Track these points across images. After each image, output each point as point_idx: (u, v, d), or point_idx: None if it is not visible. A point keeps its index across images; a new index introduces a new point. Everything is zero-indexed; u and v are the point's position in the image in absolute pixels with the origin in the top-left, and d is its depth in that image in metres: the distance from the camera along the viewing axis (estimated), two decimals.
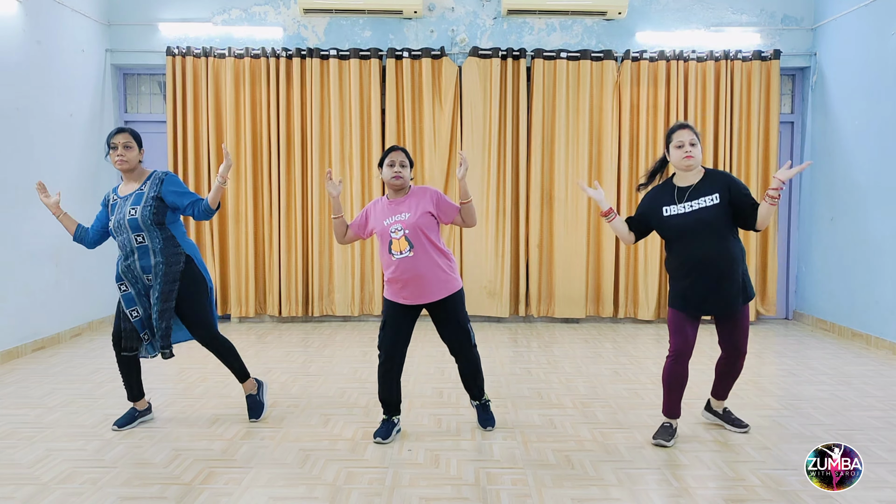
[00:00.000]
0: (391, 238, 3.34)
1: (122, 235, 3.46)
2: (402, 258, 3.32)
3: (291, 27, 6.60)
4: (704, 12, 6.62)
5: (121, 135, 3.48)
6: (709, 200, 3.24)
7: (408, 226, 3.32)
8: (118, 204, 3.52)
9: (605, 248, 6.63)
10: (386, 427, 3.49)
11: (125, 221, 3.43)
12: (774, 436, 3.53)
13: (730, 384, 3.59)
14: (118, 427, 3.60)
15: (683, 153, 3.26)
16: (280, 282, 6.65)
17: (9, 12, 5.14)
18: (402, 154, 3.41)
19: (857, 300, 5.93)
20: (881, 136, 5.64)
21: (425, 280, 3.34)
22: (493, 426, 3.60)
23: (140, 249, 3.45)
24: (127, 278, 3.50)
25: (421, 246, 3.32)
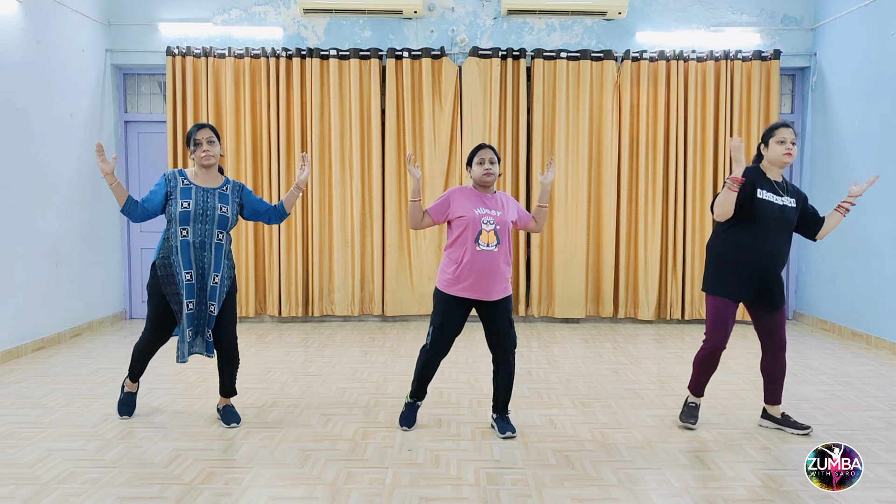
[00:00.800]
0: (481, 228, 3.36)
1: (204, 226, 3.48)
2: (486, 250, 3.36)
3: (291, 27, 6.60)
4: (704, 12, 6.62)
5: (204, 130, 3.50)
6: (790, 201, 3.40)
7: (500, 222, 3.40)
8: (195, 191, 3.48)
9: (605, 248, 6.63)
10: (411, 411, 3.64)
11: (215, 215, 3.49)
12: (774, 436, 3.53)
13: (780, 383, 3.62)
14: (128, 416, 3.72)
15: (785, 149, 3.35)
16: (280, 282, 6.65)
17: (9, 12, 5.14)
18: (490, 152, 3.47)
19: (857, 300, 5.93)
20: (881, 135, 5.64)
21: (497, 277, 3.39)
22: (515, 433, 3.51)
23: (217, 247, 3.53)
24: (196, 269, 3.50)
25: (504, 244, 3.41)
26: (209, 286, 3.55)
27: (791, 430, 3.56)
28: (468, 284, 3.38)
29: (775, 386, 3.61)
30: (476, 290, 3.40)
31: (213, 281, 3.56)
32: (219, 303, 3.57)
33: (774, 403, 3.64)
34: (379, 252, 6.62)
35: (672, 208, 6.60)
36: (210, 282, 3.55)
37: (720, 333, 3.44)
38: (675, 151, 6.57)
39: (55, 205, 5.69)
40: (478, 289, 3.39)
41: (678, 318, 6.69)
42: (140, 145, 6.86)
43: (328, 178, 6.62)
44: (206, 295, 3.55)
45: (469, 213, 3.38)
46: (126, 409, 3.80)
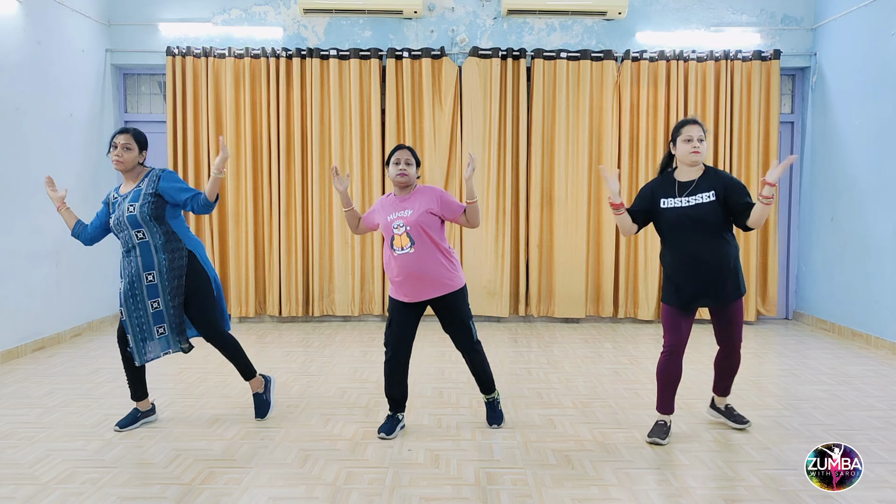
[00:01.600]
0: (393, 233, 3.40)
1: (123, 232, 3.48)
2: (402, 254, 3.37)
3: (291, 27, 6.60)
4: (704, 12, 6.62)
5: (122, 135, 3.52)
6: (705, 197, 3.28)
7: (409, 222, 3.37)
8: (118, 202, 3.54)
9: (605, 248, 6.63)
10: (390, 423, 3.54)
11: (124, 218, 3.45)
12: (774, 436, 3.53)
13: (729, 380, 3.63)
14: (120, 428, 3.59)
15: (691, 147, 3.29)
16: (280, 282, 6.65)
17: (9, 12, 5.14)
18: (407, 152, 3.46)
19: (857, 300, 5.93)
20: (881, 136, 5.64)
21: (425, 277, 3.39)
22: (500, 424, 3.62)
23: (141, 246, 3.47)
24: (124, 276, 3.51)
25: (422, 243, 3.37)
26: (144, 286, 3.48)
27: (732, 423, 3.60)
28: (400, 288, 3.45)
29: (725, 380, 3.63)
30: (408, 293, 3.44)
31: (148, 280, 3.48)
32: (164, 297, 3.49)
33: (722, 395, 3.69)
34: (379, 252, 6.61)
35: None
36: (144, 281, 3.48)
37: (672, 334, 3.42)
38: None
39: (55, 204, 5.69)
40: (408, 290, 3.43)
41: None
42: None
43: (328, 177, 6.62)
44: (145, 295, 3.48)
45: (383, 220, 3.47)
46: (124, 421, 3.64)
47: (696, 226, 3.27)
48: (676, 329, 3.42)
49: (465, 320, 3.51)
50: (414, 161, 3.47)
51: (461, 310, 3.50)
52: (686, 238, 3.30)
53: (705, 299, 3.37)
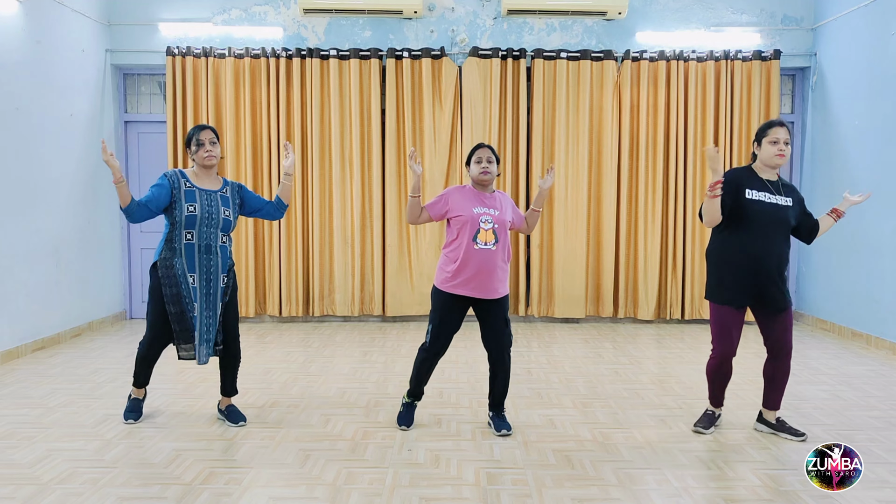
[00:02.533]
0: (480, 227, 3.39)
1: (210, 230, 3.49)
2: (484, 249, 3.38)
3: (291, 27, 6.60)
4: (704, 12, 6.62)
5: (206, 131, 3.51)
6: (787, 200, 3.32)
7: (498, 221, 3.43)
8: (199, 194, 3.47)
9: (605, 248, 6.63)
10: (409, 412, 3.67)
11: (219, 219, 3.50)
12: (774, 436, 3.53)
13: (781, 389, 3.52)
14: (135, 420, 3.68)
15: (777, 150, 3.28)
16: (280, 282, 6.65)
17: (9, 12, 5.14)
18: (489, 151, 3.49)
19: (857, 300, 5.93)
20: (881, 136, 5.64)
21: (495, 275, 3.41)
22: (510, 431, 3.54)
23: (222, 249, 3.55)
24: (200, 272, 3.49)
25: (502, 243, 3.44)
26: (220, 287, 3.56)
27: (787, 435, 3.47)
28: (466, 283, 3.40)
29: (776, 391, 3.52)
30: (474, 289, 3.41)
31: (223, 282, 3.59)
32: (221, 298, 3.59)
33: (772, 409, 3.56)
34: (379, 252, 6.62)
35: (672, 208, 6.60)
36: (220, 283, 3.56)
37: (725, 342, 3.39)
38: (675, 151, 6.57)
39: (55, 205, 5.70)
40: (476, 287, 3.41)
41: (678, 318, 6.69)
42: (140, 145, 6.86)
43: (328, 178, 6.62)
44: (218, 297, 3.56)
45: (467, 212, 3.41)
46: (132, 414, 3.72)
47: (778, 224, 3.28)
48: (727, 334, 3.38)
49: (509, 324, 3.55)
50: (495, 159, 3.50)
51: (507, 313, 3.55)
52: (766, 233, 3.25)
53: (769, 299, 3.31)
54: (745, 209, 3.27)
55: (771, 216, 3.26)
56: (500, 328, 3.50)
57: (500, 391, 3.60)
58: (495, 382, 3.59)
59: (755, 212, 3.26)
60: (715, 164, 3.16)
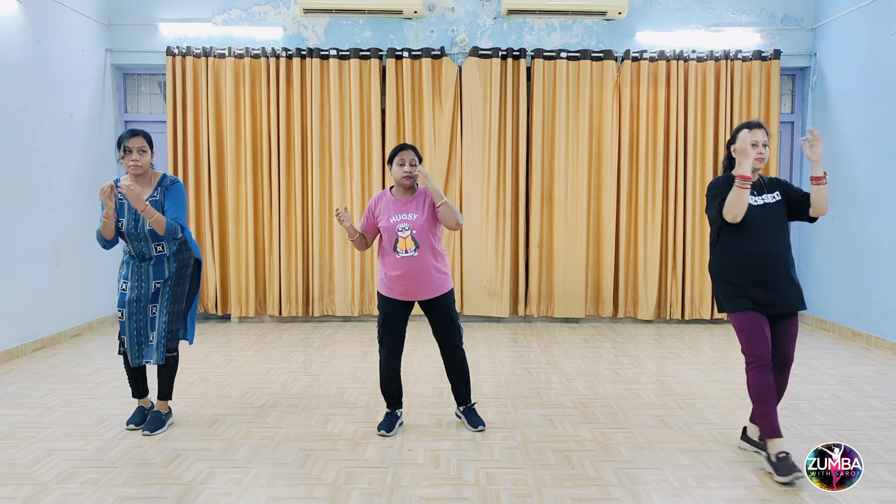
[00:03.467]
0: (397, 236, 3.39)
1: (140, 243, 3.44)
2: (406, 257, 3.38)
3: (291, 27, 6.60)
4: (704, 12, 6.62)
5: (135, 138, 3.39)
6: (772, 197, 3.24)
7: (415, 226, 3.39)
8: (127, 206, 3.42)
9: (605, 248, 6.63)
10: (389, 420, 3.59)
11: (145, 231, 3.41)
12: None
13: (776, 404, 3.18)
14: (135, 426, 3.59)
15: (756, 153, 3.17)
16: (280, 282, 6.65)
17: (9, 12, 5.14)
18: (412, 153, 3.44)
19: (857, 300, 5.93)
20: (881, 135, 5.64)
21: (424, 279, 3.42)
22: (484, 426, 3.59)
23: (158, 259, 3.48)
24: (132, 280, 3.47)
25: (425, 246, 3.40)
26: (150, 293, 3.48)
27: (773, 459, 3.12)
28: (398, 288, 3.45)
29: None
30: (404, 292, 3.46)
31: (155, 286, 3.49)
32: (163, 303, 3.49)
33: None
34: None
35: (672, 208, 6.60)
36: (151, 289, 3.48)
37: (757, 343, 3.11)
38: (675, 151, 6.57)
39: (55, 205, 5.69)
40: (406, 290, 3.45)
41: (678, 317, 6.69)
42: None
43: (328, 177, 6.62)
44: (148, 301, 3.48)
45: (385, 222, 3.43)
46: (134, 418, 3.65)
47: (771, 222, 3.19)
48: (757, 335, 3.09)
49: (454, 319, 3.56)
50: (418, 160, 3.45)
51: (451, 308, 3.56)
52: (760, 237, 3.16)
53: (781, 302, 3.14)
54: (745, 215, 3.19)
55: (761, 216, 3.19)
56: (447, 323, 3.53)
57: (462, 385, 3.64)
58: (451, 376, 3.63)
59: (754, 213, 3.19)
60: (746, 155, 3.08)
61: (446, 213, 3.39)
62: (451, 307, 3.56)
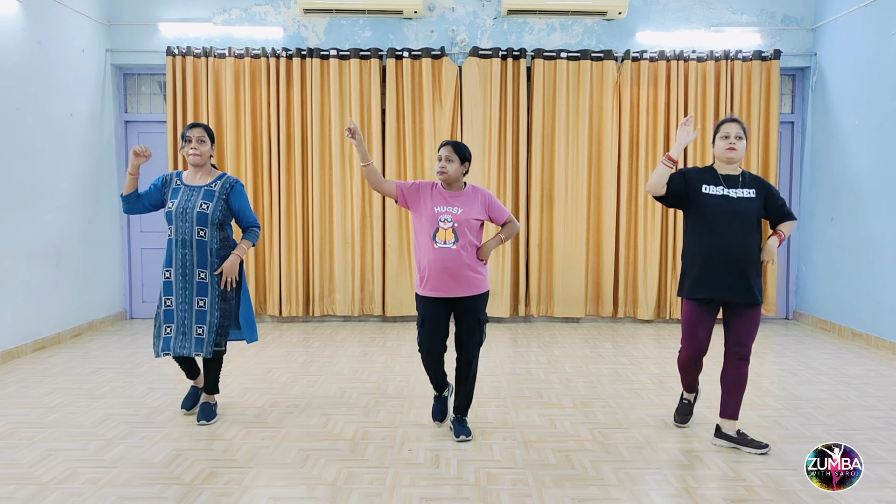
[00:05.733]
0: (438, 226, 3.36)
1: (185, 224, 3.53)
2: (443, 247, 3.35)
3: (291, 27, 6.60)
4: (704, 12, 6.62)
5: (196, 129, 3.57)
6: (749, 193, 3.31)
7: (458, 220, 3.37)
8: (183, 190, 3.59)
9: (605, 248, 6.63)
10: (440, 405, 3.70)
11: (193, 213, 3.53)
12: (774, 436, 3.52)
13: (738, 398, 3.35)
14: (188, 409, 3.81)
15: (727, 144, 3.32)
16: (280, 282, 6.65)
17: (9, 12, 5.14)
18: (449, 148, 3.41)
19: (857, 300, 5.93)
20: (881, 136, 5.64)
21: (458, 274, 3.37)
22: (469, 437, 3.46)
23: (199, 244, 3.56)
24: (175, 266, 3.56)
25: (464, 241, 3.38)
26: (196, 282, 3.57)
27: (748, 449, 3.28)
28: (435, 282, 3.39)
29: (734, 398, 3.34)
30: (441, 289, 3.40)
31: (199, 276, 3.57)
32: (213, 298, 3.58)
33: (730, 418, 3.36)
34: (379, 252, 6.62)
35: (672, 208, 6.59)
36: (196, 277, 3.56)
37: (690, 342, 3.38)
38: None
39: (55, 204, 5.69)
40: (442, 286, 3.39)
41: (678, 317, 6.68)
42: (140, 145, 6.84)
43: (328, 178, 6.62)
44: (194, 291, 3.57)
45: (427, 210, 3.40)
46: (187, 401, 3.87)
47: (738, 217, 3.25)
48: (693, 333, 3.37)
49: (482, 321, 3.49)
50: (457, 157, 3.39)
51: (481, 309, 3.50)
52: (724, 227, 3.25)
53: (730, 293, 3.25)
54: (701, 204, 3.32)
55: (727, 208, 3.26)
56: (473, 326, 3.46)
57: (464, 397, 3.54)
58: (459, 386, 3.54)
59: (710, 206, 3.29)
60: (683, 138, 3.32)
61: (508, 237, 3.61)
62: (480, 311, 3.48)
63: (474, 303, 3.46)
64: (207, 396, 3.82)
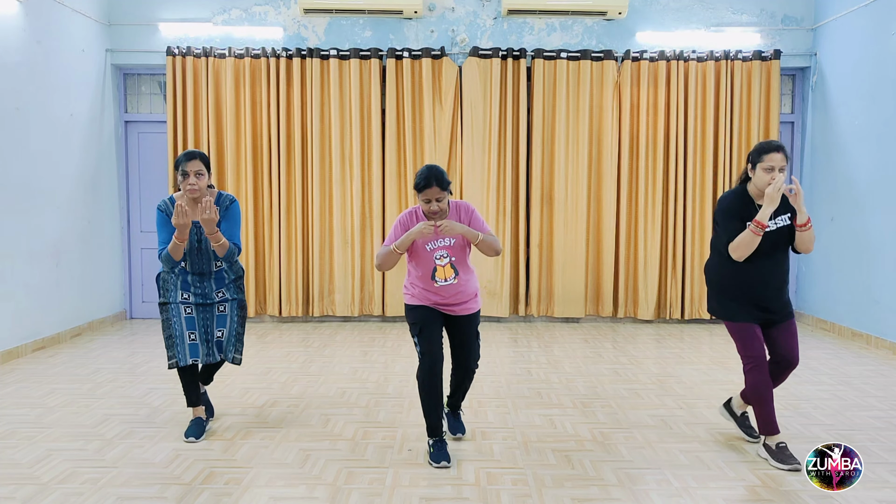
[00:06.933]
0: (435, 265, 3.19)
1: (202, 261, 3.47)
2: (446, 285, 3.20)
3: (291, 27, 6.60)
4: (704, 12, 6.61)
5: (192, 162, 3.36)
6: (785, 220, 3.21)
7: (454, 252, 3.21)
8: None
9: (605, 248, 6.63)
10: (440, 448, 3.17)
11: (208, 251, 3.45)
12: None
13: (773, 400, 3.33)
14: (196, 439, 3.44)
15: (769, 178, 3.10)
16: (280, 282, 6.65)
17: (9, 12, 5.14)
18: (437, 190, 3.10)
19: (857, 300, 5.93)
20: (881, 135, 5.64)
21: (462, 299, 3.29)
22: (464, 434, 3.48)
23: (217, 274, 3.53)
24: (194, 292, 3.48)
25: (463, 270, 3.25)
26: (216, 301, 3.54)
27: (743, 432, 3.44)
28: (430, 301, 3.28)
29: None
30: (438, 306, 3.29)
31: (218, 296, 3.55)
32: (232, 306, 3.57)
33: (747, 403, 3.44)
34: None
35: (672, 208, 6.60)
36: (216, 298, 3.54)
37: (751, 345, 3.22)
38: (675, 151, 6.57)
39: (55, 205, 5.69)
40: (440, 305, 3.29)
41: (678, 317, 6.69)
42: (140, 145, 6.85)
43: (328, 177, 6.62)
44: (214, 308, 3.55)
45: (420, 251, 3.21)
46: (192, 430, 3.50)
47: (775, 248, 3.20)
48: (751, 339, 3.21)
49: (477, 336, 3.43)
50: (446, 193, 3.14)
51: (476, 326, 3.40)
52: (764, 259, 3.19)
53: (772, 315, 3.24)
54: None
55: (771, 242, 3.20)
56: (470, 342, 3.37)
57: (459, 395, 3.52)
58: (457, 387, 3.49)
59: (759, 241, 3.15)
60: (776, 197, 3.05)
61: (485, 248, 3.24)
62: (475, 326, 3.39)
63: (472, 320, 3.36)
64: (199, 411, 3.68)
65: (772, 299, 3.25)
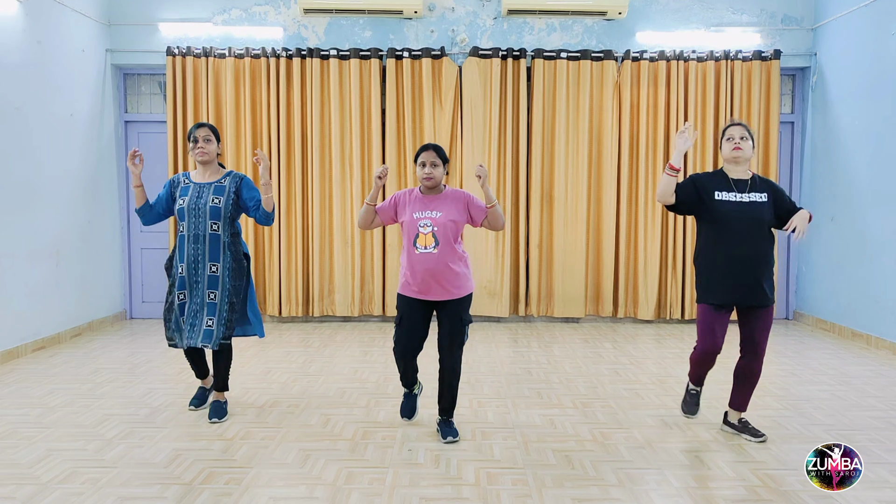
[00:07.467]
0: (418, 231, 3.39)
1: (198, 220, 3.61)
2: (425, 253, 3.36)
3: (291, 27, 6.60)
4: (704, 12, 6.62)
5: (201, 129, 3.69)
6: (761, 196, 3.36)
7: (438, 224, 3.38)
8: (193, 188, 3.68)
9: (605, 248, 6.63)
10: (410, 402, 3.71)
11: (206, 208, 3.62)
12: (774, 436, 3.53)
13: (748, 392, 3.51)
14: (195, 407, 3.88)
15: (733, 145, 3.36)
16: (280, 282, 6.65)
17: (9, 12, 5.14)
18: (433, 153, 3.43)
19: (857, 300, 5.93)
20: (881, 135, 5.64)
21: (440, 277, 3.37)
22: (456, 438, 3.45)
23: (213, 237, 3.63)
24: (187, 262, 3.62)
25: (445, 245, 3.37)
26: (207, 275, 3.62)
27: (748, 437, 3.46)
28: (417, 286, 3.41)
29: (744, 391, 3.50)
30: (423, 292, 3.41)
31: (211, 270, 3.63)
32: (223, 293, 3.64)
33: (738, 409, 3.55)
34: (379, 252, 6.62)
35: None
36: (207, 271, 3.62)
37: (707, 339, 3.43)
38: None
39: (55, 205, 5.69)
40: (425, 290, 3.41)
41: (678, 317, 6.69)
42: (140, 145, 6.84)
43: (328, 178, 6.62)
44: (205, 285, 3.63)
45: (407, 217, 3.44)
46: (195, 401, 3.94)
47: (752, 222, 3.31)
48: (709, 332, 3.41)
49: (464, 322, 3.47)
50: (441, 161, 3.45)
51: (464, 312, 3.47)
52: (738, 233, 3.30)
53: (745, 297, 3.34)
54: (715, 211, 3.36)
55: (741, 214, 3.31)
56: (455, 328, 3.45)
57: (450, 395, 3.53)
58: (444, 386, 3.52)
59: (725, 212, 3.33)
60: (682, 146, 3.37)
61: (494, 217, 3.46)
62: (464, 312, 3.47)
63: (457, 306, 3.45)
64: (217, 394, 3.85)
65: (745, 276, 3.31)
